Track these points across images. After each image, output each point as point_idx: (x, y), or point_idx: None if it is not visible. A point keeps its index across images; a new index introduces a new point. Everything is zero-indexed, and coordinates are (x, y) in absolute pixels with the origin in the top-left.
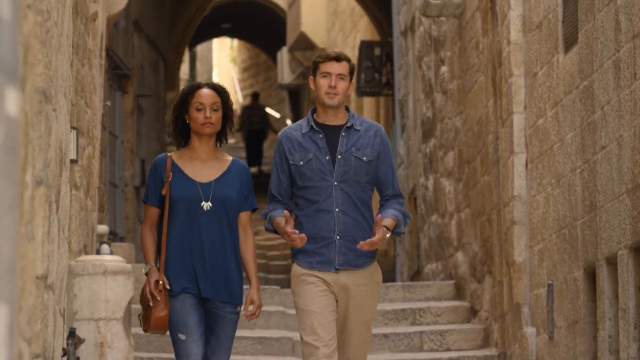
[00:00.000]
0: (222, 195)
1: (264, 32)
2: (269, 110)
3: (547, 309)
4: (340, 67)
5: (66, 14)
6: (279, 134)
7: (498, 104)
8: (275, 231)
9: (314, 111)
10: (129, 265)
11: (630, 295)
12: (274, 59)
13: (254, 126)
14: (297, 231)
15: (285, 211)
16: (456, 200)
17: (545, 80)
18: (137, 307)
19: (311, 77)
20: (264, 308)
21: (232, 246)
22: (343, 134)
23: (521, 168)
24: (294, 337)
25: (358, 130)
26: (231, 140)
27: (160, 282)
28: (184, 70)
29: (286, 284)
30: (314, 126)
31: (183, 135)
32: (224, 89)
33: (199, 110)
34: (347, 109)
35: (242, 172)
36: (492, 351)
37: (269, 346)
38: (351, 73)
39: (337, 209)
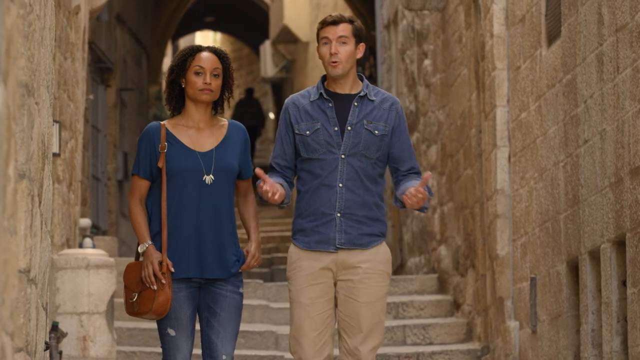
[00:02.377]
0: (224, 166)
1: (246, 25)
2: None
3: (530, 303)
4: (340, 30)
5: (48, 7)
6: (286, 100)
7: (481, 98)
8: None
9: (325, 78)
10: (112, 259)
11: (613, 289)
12: (257, 52)
13: (246, 122)
14: (268, 183)
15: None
16: (439, 194)
17: (528, 73)
18: (120, 300)
19: (317, 47)
20: (247, 302)
21: (230, 220)
22: (355, 103)
23: (504, 162)
24: (277, 331)
25: (372, 101)
26: None
27: (165, 264)
28: (167, 63)
29: (269, 277)
30: (324, 94)
31: (178, 101)
32: (226, 54)
33: (198, 74)
34: (361, 78)
35: (241, 136)
36: (475, 345)
37: (252, 340)
38: (357, 34)
39: (340, 184)
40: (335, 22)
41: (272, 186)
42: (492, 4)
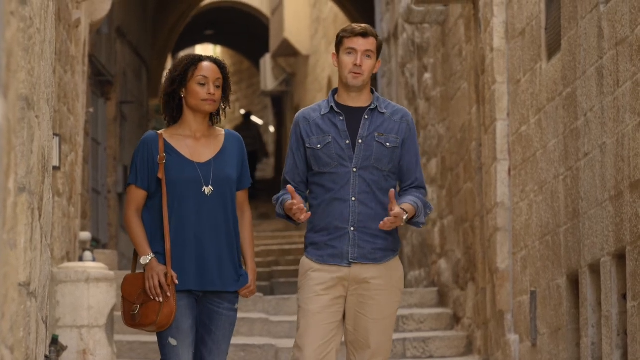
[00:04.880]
0: (223, 176)
1: (247, 38)
2: (255, 119)
3: (530, 316)
4: (367, 44)
5: (49, 20)
6: (297, 114)
7: (481, 111)
8: (286, 217)
9: (335, 91)
10: (112, 272)
11: (613, 303)
12: (257, 65)
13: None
14: (298, 203)
15: (289, 186)
16: (439, 207)
17: (528, 87)
18: (120, 314)
19: (333, 52)
20: (247, 315)
21: (233, 232)
22: (366, 116)
23: (504, 175)
24: (277, 345)
25: (383, 113)
26: None
27: (170, 276)
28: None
29: (269, 291)
30: (335, 107)
31: (177, 111)
32: (225, 64)
33: (201, 84)
34: (372, 90)
35: (238, 146)
36: (475, 358)
37: (252, 353)
38: (378, 50)
39: (353, 198)
40: (364, 34)
41: (301, 205)
42: (492, 18)
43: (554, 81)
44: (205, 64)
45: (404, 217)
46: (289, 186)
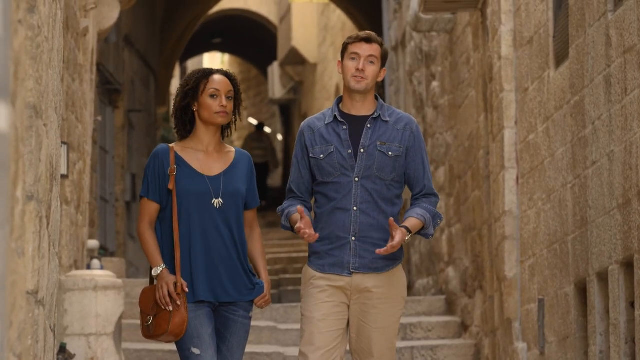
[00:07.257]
0: (232, 190)
1: (254, 47)
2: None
3: (538, 324)
4: (371, 49)
5: (57, 29)
6: (302, 123)
7: (489, 119)
8: (292, 229)
9: (340, 100)
10: (120, 281)
11: (621, 311)
12: (264, 73)
13: (256, 159)
14: (305, 228)
15: (299, 206)
16: (447, 216)
17: (536, 95)
18: (128, 322)
19: (339, 60)
20: (255, 323)
21: (242, 244)
22: (368, 125)
23: (512, 183)
24: (285, 353)
25: (386, 121)
26: None
27: (179, 285)
28: (175, 85)
29: (277, 299)
30: (338, 116)
31: (190, 126)
32: (236, 77)
33: (213, 97)
34: (377, 97)
35: (248, 164)
36: None
37: None
38: (383, 58)
39: (354, 208)
40: (368, 39)
41: (310, 228)
42: (500, 26)
43: (562, 89)
44: (217, 76)
45: (407, 239)
46: (299, 207)
